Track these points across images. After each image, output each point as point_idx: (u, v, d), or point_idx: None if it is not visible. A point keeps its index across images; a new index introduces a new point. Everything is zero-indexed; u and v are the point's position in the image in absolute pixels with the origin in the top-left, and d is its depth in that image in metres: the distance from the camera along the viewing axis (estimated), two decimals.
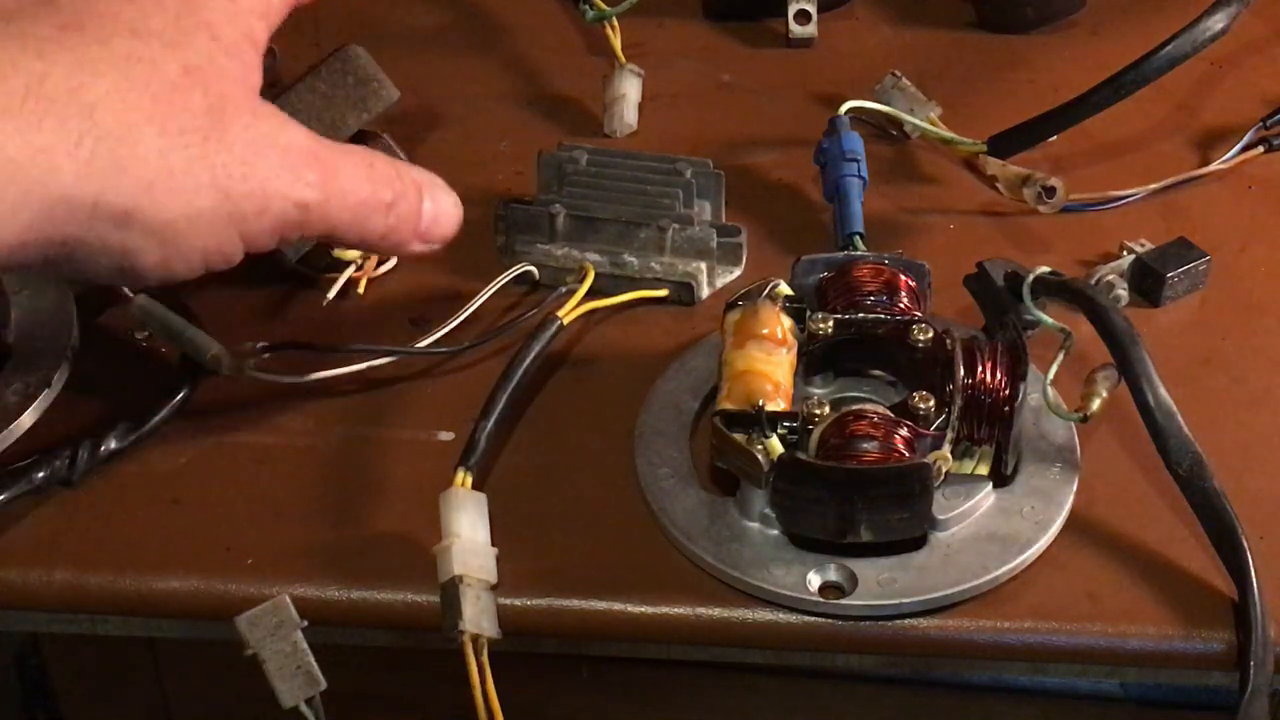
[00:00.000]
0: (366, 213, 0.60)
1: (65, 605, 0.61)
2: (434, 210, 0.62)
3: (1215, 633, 0.59)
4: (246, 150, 0.55)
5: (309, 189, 0.57)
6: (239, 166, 0.55)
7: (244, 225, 0.56)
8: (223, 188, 0.55)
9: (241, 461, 0.65)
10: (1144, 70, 0.75)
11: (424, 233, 0.62)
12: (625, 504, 0.63)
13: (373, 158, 0.60)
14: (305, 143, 0.58)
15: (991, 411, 0.61)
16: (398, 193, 0.61)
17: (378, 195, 0.60)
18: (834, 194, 0.74)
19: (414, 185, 0.62)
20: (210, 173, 0.55)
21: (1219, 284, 0.73)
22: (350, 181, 0.59)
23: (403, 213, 0.61)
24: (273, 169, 0.56)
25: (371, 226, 0.60)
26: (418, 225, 0.62)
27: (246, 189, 0.55)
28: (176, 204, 0.54)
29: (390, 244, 0.62)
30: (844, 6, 0.92)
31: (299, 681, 0.56)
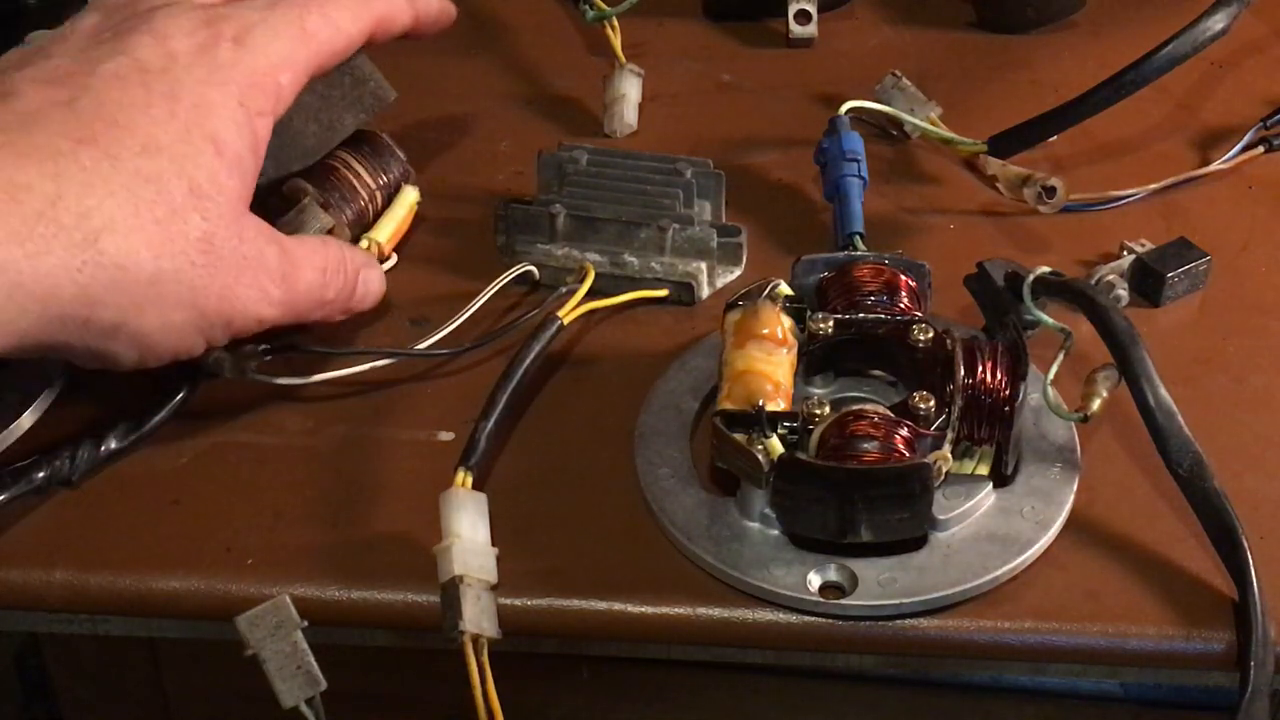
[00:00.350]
0: (308, 310, 0.65)
1: (65, 605, 0.61)
2: (363, 291, 0.68)
3: (1215, 633, 0.59)
4: (227, 275, 0.60)
5: (270, 308, 0.62)
6: (216, 289, 0.60)
7: (209, 333, 0.61)
8: (199, 307, 0.59)
9: (241, 461, 0.65)
10: (1144, 70, 0.75)
11: (350, 309, 0.68)
12: (625, 504, 0.63)
13: (328, 259, 0.65)
14: (276, 259, 0.62)
15: (992, 411, 0.61)
16: (338, 287, 0.66)
17: (322, 296, 0.65)
18: (834, 194, 0.74)
19: (354, 273, 0.67)
20: (191, 294, 0.59)
21: (1219, 284, 0.73)
22: (305, 292, 0.64)
23: (339, 303, 0.66)
24: (245, 290, 0.61)
25: (309, 318, 0.65)
26: (347, 306, 0.67)
27: (219, 309, 0.60)
28: (155, 321, 0.59)
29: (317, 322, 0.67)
30: (844, 6, 0.92)
31: (299, 681, 0.56)
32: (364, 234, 0.73)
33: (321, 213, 0.71)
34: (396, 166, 0.75)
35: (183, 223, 0.58)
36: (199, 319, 0.60)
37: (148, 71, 0.60)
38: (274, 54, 0.63)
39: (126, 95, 0.59)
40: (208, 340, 0.61)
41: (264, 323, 0.62)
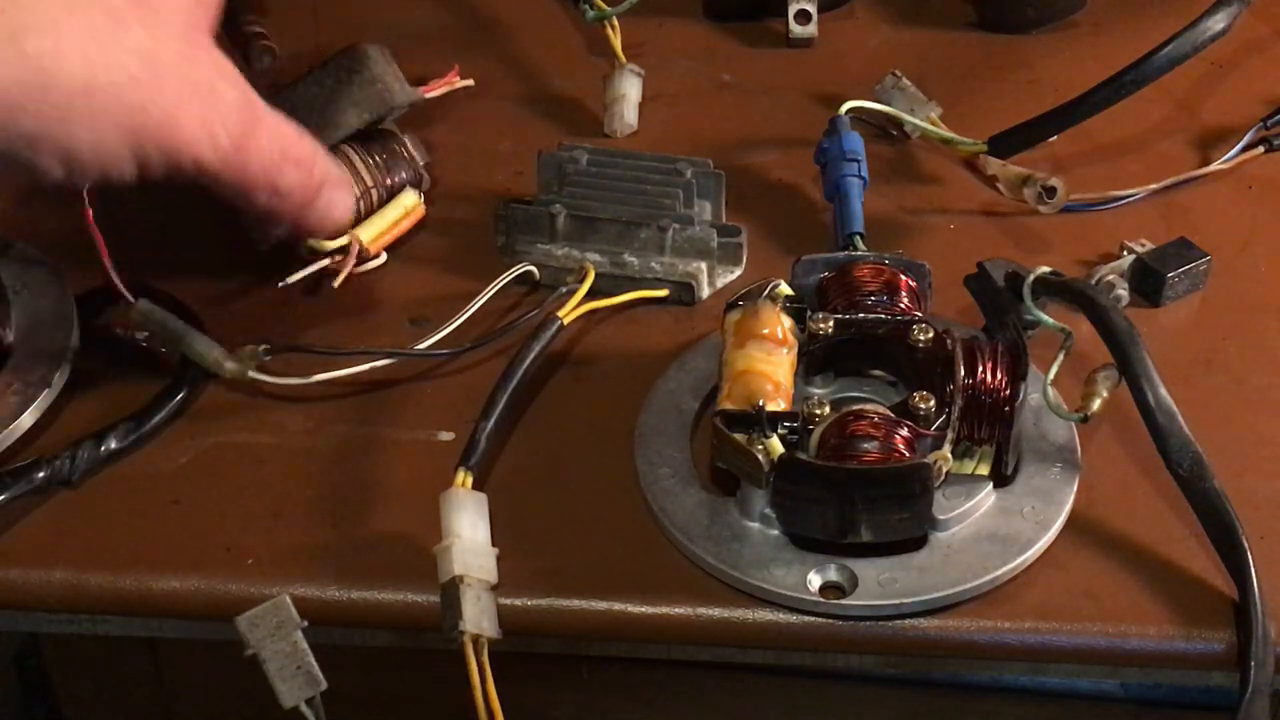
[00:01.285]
0: (255, 188, 0.60)
1: (65, 605, 0.61)
2: (325, 209, 0.64)
3: (1215, 633, 0.59)
4: (171, 99, 0.55)
5: (213, 153, 0.57)
6: (157, 115, 0.55)
7: (144, 159, 0.56)
8: (135, 130, 0.55)
9: (241, 461, 0.65)
10: (1144, 70, 0.75)
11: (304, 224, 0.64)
12: (625, 504, 0.63)
13: (293, 144, 0.61)
14: (231, 101, 0.57)
15: (992, 411, 0.61)
16: (296, 183, 0.62)
17: (275, 179, 0.61)
18: (834, 194, 0.74)
19: (319, 180, 0.63)
20: (127, 114, 0.54)
21: (1219, 284, 0.73)
22: (256, 158, 0.59)
23: (292, 201, 0.62)
24: (190, 123, 0.56)
25: (254, 199, 0.61)
26: (302, 216, 0.63)
27: (157, 136, 0.55)
28: (85, 135, 0.54)
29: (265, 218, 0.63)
30: (844, 6, 0.92)
31: (299, 681, 0.56)
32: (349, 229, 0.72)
33: None
34: (405, 169, 0.75)
35: (121, 31, 0.54)
36: (135, 141, 0.55)
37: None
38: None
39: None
40: (141, 166, 0.56)
41: (203, 168, 0.57)
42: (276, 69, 0.84)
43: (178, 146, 0.56)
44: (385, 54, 0.75)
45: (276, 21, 0.88)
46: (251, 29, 0.86)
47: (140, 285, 0.70)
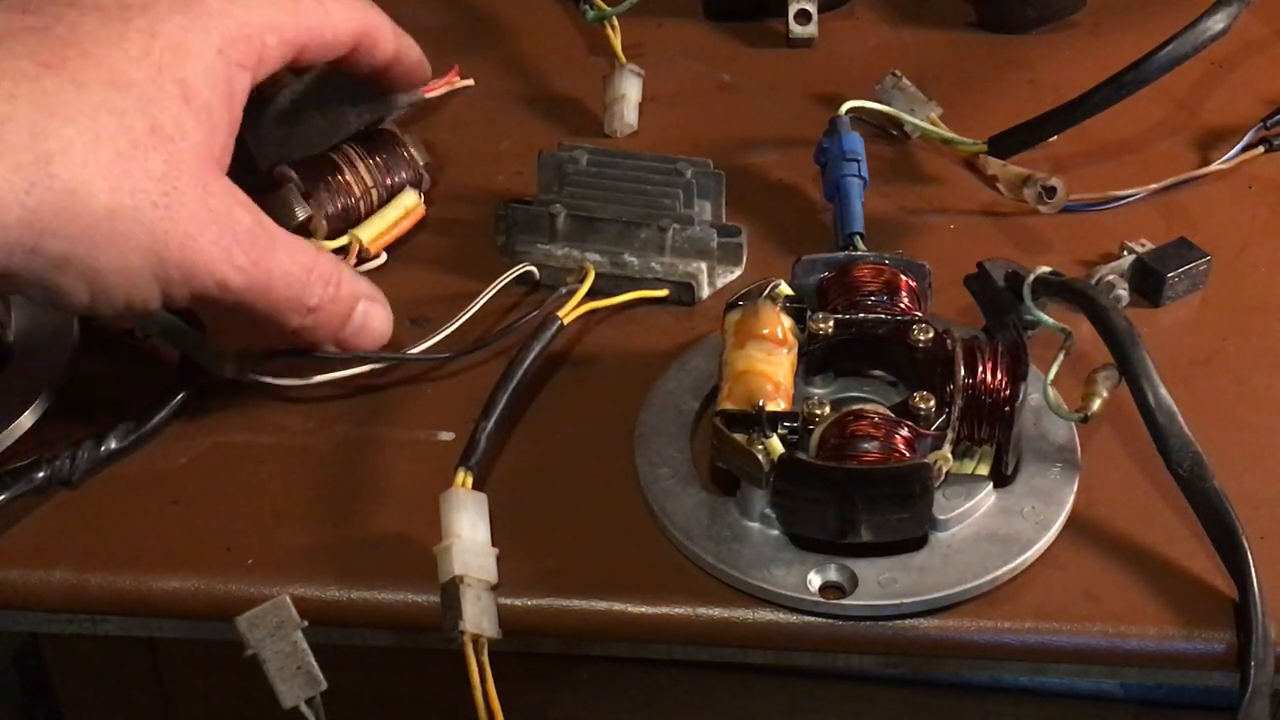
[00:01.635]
0: (285, 309, 0.62)
1: (65, 605, 0.61)
2: (362, 323, 0.65)
3: (1215, 633, 0.59)
4: (190, 222, 0.57)
5: (235, 273, 0.59)
6: (178, 236, 0.57)
7: (167, 286, 0.58)
8: (157, 252, 0.57)
9: (241, 461, 0.65)
10: (1144, 70, 0.75)
11: (343, 340, 0.65)
12: (625, 504, 0.63)
13: (317, 261, 0.62)
14: (248, 225, 0.60)
15: (992, 411, 0.61)
16: (325, 299, 0.63)
17: (302, 297, 0.62)
18: (834, 194, 0.74)
19: (349, 298, 0.64)
20: (150, 237, 0.56)
21: (1219, 284, 0.73)
22: (280, 277, 0.61)
23: (323, 319, 0.63)
24: (208, 244, 0.58)
25: (286, 321, 0.62)
26: (338, 332, 0.64)
27: (178, 258, 0.57)
28: (110, 259, 0.56)
29: (301, 340, 0.64)
30: (844, 6, 0.92)
31: (299, 681, 0.56)
32: (349, 230, 0.73)
33: (301, 201, 0.71)
34: (406, 169, 0.75)
35: (143, 159, 0.56)
36: (157, 265, 0.57)
37: (129, 7, 0.58)
38: (263, 14, 0.61)
39: (103, 28, 0.57)
40: (165, 293, 0.58)
41: (227, 288, 0.59)
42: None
43: (198, 268, 0.58)
44: None
45: None
46: None
47: None
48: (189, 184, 0.57)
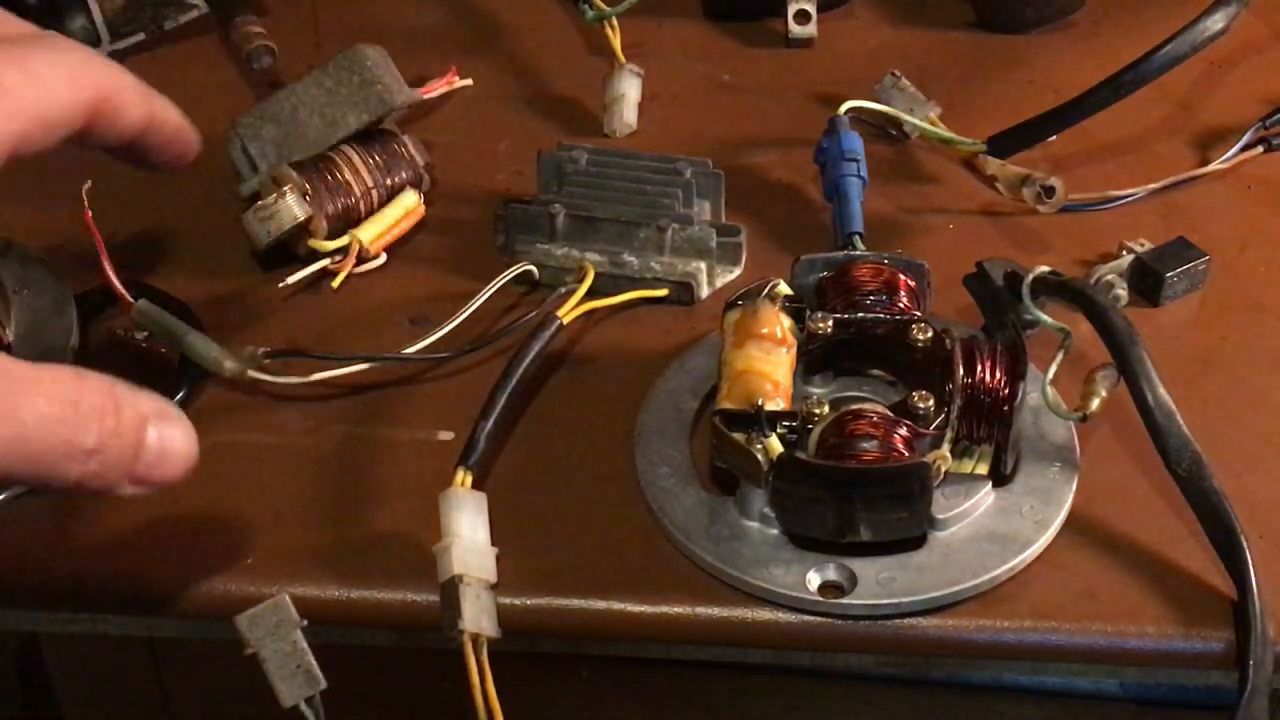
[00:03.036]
0: (55, 460, 0.50)
1: (65, 605, 0.61)
2: (159, 448, 0.52)
3: (1215, 632, 0.59)
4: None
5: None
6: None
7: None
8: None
9: (241, 461, 0.65)
10: (1144, 70, 0.75)
11: (140, 475, 0.52)
12: (625, 504, 0.63)
13: (81, 391, 0.50)
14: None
15: (991, 411, 0.61)
16: (105, 434, 0.51)
17: (73, 440, 0.50)
18: (834, 194, 0.74)
19: (134, 422, 0.52)
20: None
21: (1218, 284, 0.73)
22: (37, 425, 0.49)
23: (110, 458, 0.51)
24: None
25: (61, 474, 0.50)
26: (132, 468, 0.52)
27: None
28: None
29: (89, 491, 0.52)
30: (844, 6, 0.92)
31: (299, 681, 0.56)
32: (349, 230, 0.73)
33: (300, 201, 0.71)
34: (406, 169, 0.75)
35: None
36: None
37: None
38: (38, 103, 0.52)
39: None
40: None
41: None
42: (276, 69, 0.84)
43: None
44: (384, 55, 0.75)
45: (276, 21, 0.88)
46: (251, 29, 0.86)
47: (140, 285, 0.70)
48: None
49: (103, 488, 0.52)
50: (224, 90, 0.85)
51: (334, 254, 0.72)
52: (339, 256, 0.72)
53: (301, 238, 0.72)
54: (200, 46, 0.73)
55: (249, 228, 0.71)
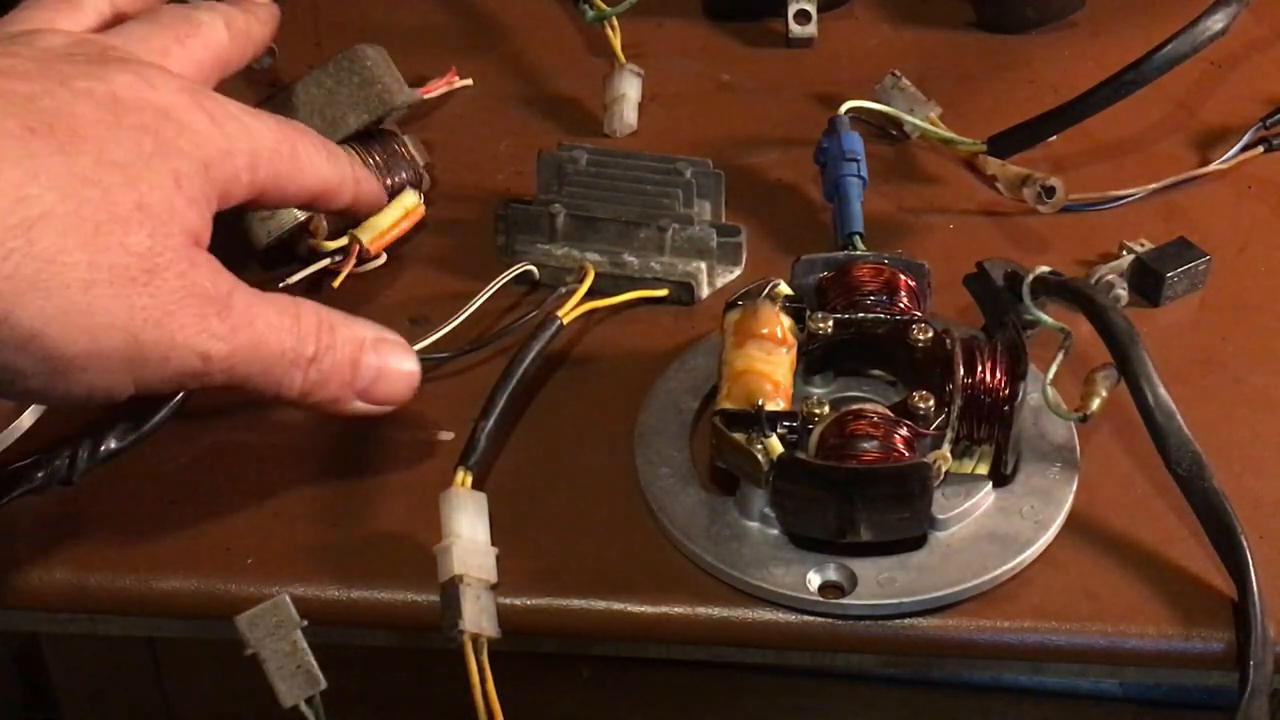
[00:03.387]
0: (283, 366, 0.58)
1: (65, 605, 0.61)
2: (378, 367, 0.61)
3: (1215, 632, 0.59)
4: (169, 299, 0.54)
5: (214, 340, 0.56)
6: (155, 314, 0.54)
7: (142, 370, 0.55)
8: (134, 331, 0.53)
9: (241, 461, 0.65)
10: (1144, 70, 0.75)
11: (364, 390, 0.61)
12: (625, 504, 0.63)
13: (300, 308, 0.59)
14: (226, 291, 0.56)
15: (991, 411, 0.61)
16: (323, 347, 0.59)
17: (297, 349, 0.58)
18: (834, 194, 0.74)
19: (350, 341, 0.60)
20: (127, 314, 0.53)
21: (1219, 284, 0.73)
22: (266, 332, 0.57)
23: (328, 368, 0.59)
24: (187, 319, 0.55)
25: (289, 381, 0.58)
26: (352, 382, 0.60)
27: (155, 337, 0.54)
28: (82, 340, 0.53)
29: (316, 401, 0.60)
30: (844, 6, 0.92)
31: (299, 681, 0.56)
32: (349, 230, 0.73)
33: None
34: (406, 169, 0.75)
35: (124, 233, 0.53)
36: (132, 347, 0.53)
37: (121, 103, 0.55)
38: (244, 146, 0.59)
39: (95, 113, 0.54)
40: (136, 381, 0.55)
41: (210, 359, 0.56)
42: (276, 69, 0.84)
43: (176, 346, 0.55)
44: (384, 55, 0.75)
45: None
46: None
47: None
48: (172, 259, 0.54)
49: (328, 399, 0.60)
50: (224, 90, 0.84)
51: (334, 254, 0.72)
52: (339, 256, 0.72)
53: (302, 238, 0.72)
54: None
55: (249, 228, 0.71)
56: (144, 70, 0.58)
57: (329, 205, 0.66)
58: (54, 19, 0.62)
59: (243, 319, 0.56)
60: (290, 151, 0.62)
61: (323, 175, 0.64)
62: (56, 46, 0.59)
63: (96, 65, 0.57)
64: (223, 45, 0.65)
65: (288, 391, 0.59)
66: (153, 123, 0.56)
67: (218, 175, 0.58)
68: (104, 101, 0.55)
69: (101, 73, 0.56)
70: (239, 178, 0.59)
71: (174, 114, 0.57)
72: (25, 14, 0.62)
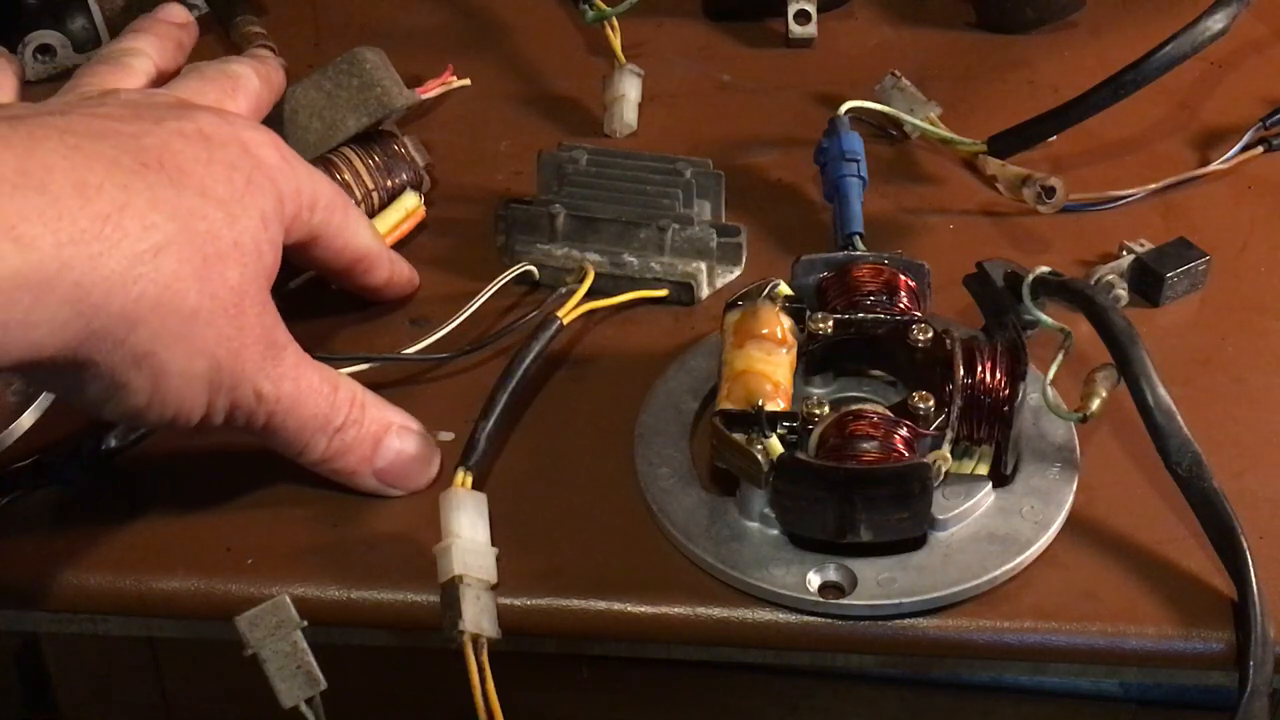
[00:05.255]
0: (313, 429, 0.61)
1: (65, 605, 0.61)
2: (398, 451, 0.63)
3: (1215, 632, 0.59)
4: (247, 334, 0.58)
5: (268, 382, 0.59)
6: (235, 346, 0.58)
7: (215, 395, 0.58)
8: (218, 358, 0.57)
9: (241, 461, 0.65)
10: (1144, 70, 0.75)
11: (380, 471, 0.63)
12: (625, 504, 0.63)
13: (340, 381, 0.62)
14: (284, 343, 0.60)
15: (991, 411, 0.61)
16: (351, 420, 0.62)
17: (329, 415, 0.61)
18: (834, 194, 0.74)
19: (378, 421, 0.63)
20: (216, 341, 0.57)
21: (1219, 284, 0.73)
22: (308, 392, 0.61)
23: (351, 440, 0.62)
24: (256, 356, 0.59)
25: (314, 443, 0.62)
26: (371, 459, 0.63)
27: (232, 367, 0.58)
28: (182, 361, 0.56)
29: (334, 468, 0.63)
30: (844, 6, 0.92)
31: (299, 681, 0.56)
32: None
33: None
34: (406, 170, 0.75)
35: (224, 267, 0.57)
36: (214, 372, 0.57)
37: (210, 139, 0.59)
38: (311, 186, 0.63)
39: (189, 149, 0.58)
40: (210, 405, 0.58)
41: (263, 398, 0.59)
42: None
43: (243, 378, 0.58)
44: (383, 57, 0.75)
45: (276, 21, 0.89)
46: (251, 29, 0.86)
47: None
48: (253, 300, 0.58)
49: (345, 469, 0.63)
50: None
51: None
52: None
53: None
54: (200, 46, 0.73)
55: None
56: (220, 110, 0.62)
57: (367, 275, 0.69)
58: (113, 82, 0.66)
59: (291, 372, 0.60)
60: (344, 206, 0.66)
61: (367, 241, 0.68)
62: (136, 98, 0.63)
63: (180, 107, 0.61)
64: (260, 93, 0.69)
65: (310, 453, 0.62)
66: (240, 159, 0.59)
67: (288, 211, 0.62)
68: (195, 138, 0.59)
69: (186, 114, 0.60)
70: (301, 216, 0.63)
71: (253, 149, 0.60)
72: (85, 80, 0.66)
